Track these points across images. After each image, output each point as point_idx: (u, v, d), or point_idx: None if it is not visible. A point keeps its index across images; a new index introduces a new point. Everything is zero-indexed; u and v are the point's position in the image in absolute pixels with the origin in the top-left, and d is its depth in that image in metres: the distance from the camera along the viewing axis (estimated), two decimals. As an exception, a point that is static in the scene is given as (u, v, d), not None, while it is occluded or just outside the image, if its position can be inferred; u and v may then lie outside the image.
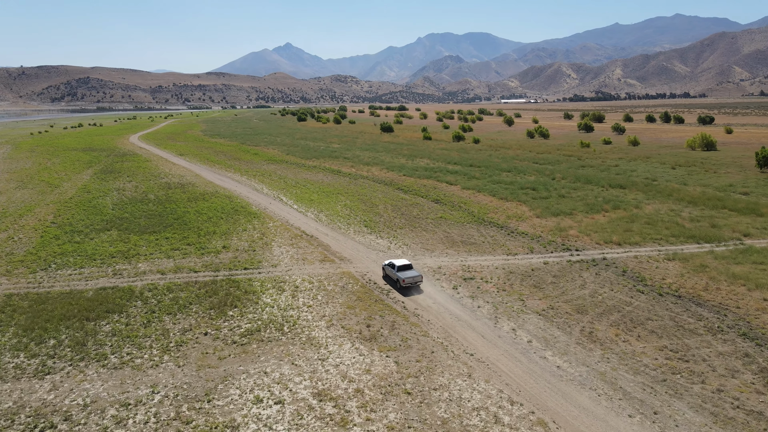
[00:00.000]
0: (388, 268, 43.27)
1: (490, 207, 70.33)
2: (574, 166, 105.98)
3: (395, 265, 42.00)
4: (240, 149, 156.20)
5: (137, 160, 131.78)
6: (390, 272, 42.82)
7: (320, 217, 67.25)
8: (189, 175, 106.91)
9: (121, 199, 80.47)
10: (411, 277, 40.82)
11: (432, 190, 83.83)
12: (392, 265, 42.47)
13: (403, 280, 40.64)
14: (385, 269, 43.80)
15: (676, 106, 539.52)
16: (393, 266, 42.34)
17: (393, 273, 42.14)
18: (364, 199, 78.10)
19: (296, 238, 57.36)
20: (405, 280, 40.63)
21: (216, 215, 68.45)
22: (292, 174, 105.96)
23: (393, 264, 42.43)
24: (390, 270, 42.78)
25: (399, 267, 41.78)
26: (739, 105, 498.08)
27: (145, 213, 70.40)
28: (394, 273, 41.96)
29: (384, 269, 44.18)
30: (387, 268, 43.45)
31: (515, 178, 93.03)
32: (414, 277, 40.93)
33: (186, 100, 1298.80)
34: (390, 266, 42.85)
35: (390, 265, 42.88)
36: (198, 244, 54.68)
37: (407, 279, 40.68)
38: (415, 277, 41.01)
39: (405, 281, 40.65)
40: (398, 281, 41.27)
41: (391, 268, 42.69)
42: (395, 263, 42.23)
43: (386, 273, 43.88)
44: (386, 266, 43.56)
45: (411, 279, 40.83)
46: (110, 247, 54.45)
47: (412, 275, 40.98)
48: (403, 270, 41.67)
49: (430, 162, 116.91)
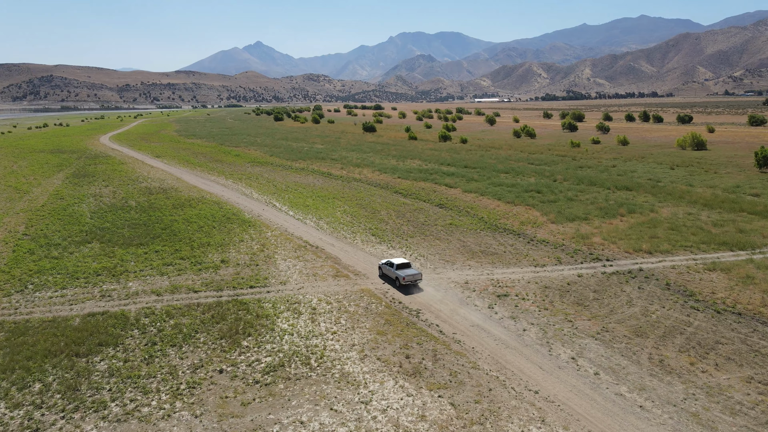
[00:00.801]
0: (385, 267, 43.12)
1: (499, 212, 66.66)
2: (572, 166, 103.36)
3: (394, 264, 41.91)
4: (220, 150, 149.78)
5: (111, 163, 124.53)
6: (388, 271, 42.74)
7: (321, 225, 62.58)
8: (170, 178, 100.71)
9: (99, 207, 74.28)
10: (411, 275, 40.78)
11: (432, 194, 79.87)
12: (390, 264, 42.34)
13: (404, 278, 40.57)
14: (383, 268, 43.62)
15: (648, 105, 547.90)
16: (391, 265, 42.18)
17: (391, 272, 42.09)
18: (364, 204, 73.66)
19: (300, 249, 52.62)
20: (405, 278, 40.56)
21: (207, 224, 63.12)
22: (280, 177, 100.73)
23: (391, 263, 42.27)
24: (388, 269, 42.64)
25: (398, 266, 41.75)
26: (708, 104, 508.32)
27: (128, 222, 64.60)
28: (392, 272, 41.91)
29: (381, 268, 44.01)
30: (384, 267, 43.27)
31: (515, 179, 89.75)
32: (414, 275, 40.90)
33: (155, 99, 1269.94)
34: (388, 265, 42.67)
35: (388, 264, 42.71)
36: (193, 258, 49.50)
37: (407, 277, 40.60)
38: (415, 275, 40.98)
39: (405, 279, 40.59)
40: (397, 279, 41.34)
41: (389, 266, 42.49)
42: (394, 262, 42.11)
43: (383, 272, 43.73)
44: (383, 265, 43.45)
45: (411, 277, 40.78)
46: (93, 262, 48.87)
47: (412, 273, 40.93)
48: (402, 268, 41.61)
49: (421, 163, 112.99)
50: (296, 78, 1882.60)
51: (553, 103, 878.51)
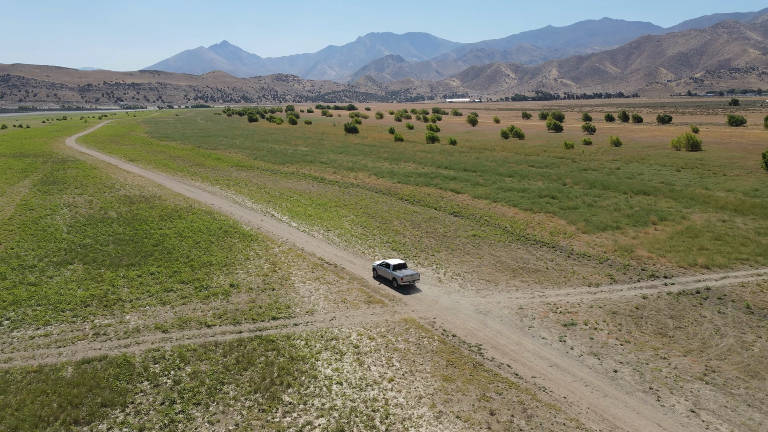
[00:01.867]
0: (381, 268, 42.87)
1: (521, 221, 61.78)
2: (575, 169, 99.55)
3: (390, 265, 41.70)
4: (198, 153, 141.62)
5: (82, 168, 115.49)
6: (384, 272, 42.55)
7: (331, 238, 56.58)
8: (150, 185, 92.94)
9: (75, 219, 66.56)
10: (409, 276, 40.65)
11: (441, 201, 74.62)
12: (387, 265, 42.14)
13: (402, 279, 40.39)
14: (378, 269, 43.38)
15: (618, 105, 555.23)
16: (388, 266, 41.98)
17: (388, 273, 41.86)
18: (371, 213, 67.89)
19: (317, 268, 46.58)
20: (403, 278, 40.41)
21: (204, 239, 56.40)
22: (270, 182, 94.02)
23: (388, 264, 42.08)
24: (384, 270, 42.41)
25: (395, 266, 41.56)
26: (677, 104, 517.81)
27: (113, 237, 57.35)
28: (389, 273, 41.69)
29: (376, 269, 43.78)
30: (380, 269, 43.02)
31: (522, 184, 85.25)
32: (411, 276, 40.82)
33: (118, 100, 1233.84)
34: (384, 266, 42.44)
35: (384, 265, 42.48)
36: (196, 282, 42.97)
37: (405, 278, 40.47)
38: (413, 276, 40.93)
39: (403, 280, 40.43)
40: (395, 280, 41.07)
41: (385, 268, 42.26)
42: (390, 263, 41.94)
43: (379, 273, 43.47)
44: (379, 266, 43.21)
45: (409, 278, 40.67)
46: (79, 289, 41.88)
47: (410, 274, 40.82)
48: (398, 269, 41.50)
49: (417, 166, 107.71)
50: (265, 78, 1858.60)
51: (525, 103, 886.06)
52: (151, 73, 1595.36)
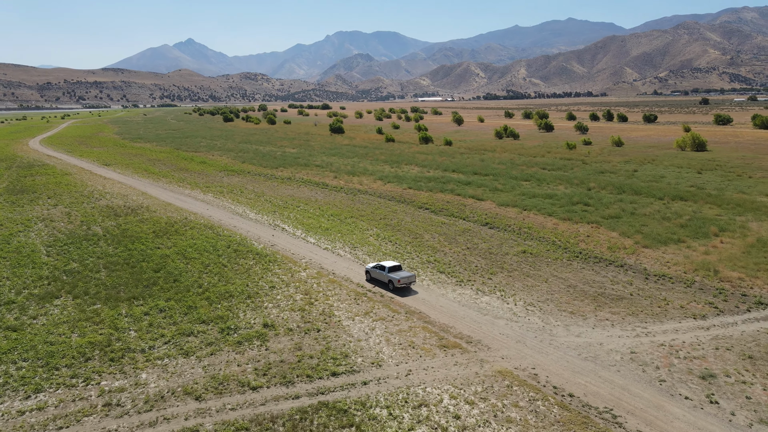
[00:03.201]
0: (375, 271, 42.10)
1: (565, 233, 55.41)
2: (589, 171, 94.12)
3: (385, 267, 41.08)
4: (179, 156, 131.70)
5: (53, 174, 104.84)
6: (378, 275, 41.90)
7: (362, 258, 49.12)
8: (133, 193, 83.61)
9: (54, 237, 57.39)
10: (405, 278, 40.25)
11: (464, 209, 67.85)
12: (382, 267, 41.52)
13: (399, 281, 39.93)
14: (371, 272, 42.49)
15: (593, 104, 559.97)
16: (383, 268, 41.41)
17: (383, 275, 41.28)
18: (395, 225, 60.63)
19: (361, 298, 39.13)
20: (400, 281, 39.96)
21: (213, 261, 48.23)
22: (268, 189, 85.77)
23: (383, 266, 41.43)
24: (379, 273, 41.76)
25: (390, 269, 41.02)
26: (649, 103, 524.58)
27: (103, 261, 48.67)
28: (384, 275, 41.12)
29: (369, 272, 42.77)
30: (374, 271, 42.22)
31: (544, 189, 79.24)
32: (408, 278, 40.47)
33: (80, 99, 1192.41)
34: (379, 269, 41.82)
35: (379, 267, 41.81)
36: (220, 321, 35.05)
37: (402, 280, 40.03)
38: (410, 277, 40.60)
39: (401, 282, 39.99)
40: (391, 283, 40.55)
41: (380, 270, 41.63)
42: (385, 265, 41.30)
43: (373, 276, 42.57)
44: (372, 269, 42.43)
45: (406, 280, 40.28)
46: (74, 334, 33.53)
47: (407, 276, 40.47)
48: (394, 271, 41.04)
49: (422, 170, 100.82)
50: (233, 77, 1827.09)
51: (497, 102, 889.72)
52: (115, 71, 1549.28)
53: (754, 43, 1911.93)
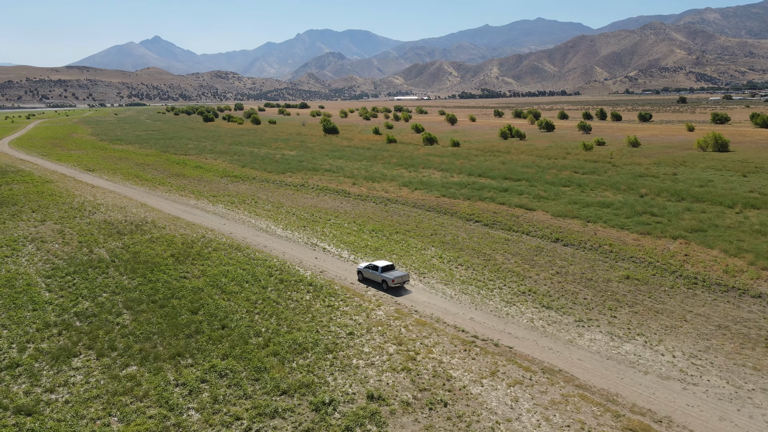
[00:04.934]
0: (368, 271, 42.03)
1: (654, 250, 48.12)
2: (628, 175, 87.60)
3: (378, 267, 41.06)
4: (169, 161, 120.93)
5: (31, 181, 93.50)
6: (371, 275, 41.76)
7: (439, 289, 40.92)
8: (131, 205, 73.57)
9: (52, 264, 47.55)
10: (399, 277, 40.12)
11: (518, 221, 60.22)
12: (375, 267, 41.41)
13: (393, 281, 39.80)
14: (364, 272, 42.41)
15: (572, 102, 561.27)
16: (376, 268, 41.32)
17: (376, 275, 41.14)
18: (452, 243, 52.57)
19: (472, 349, 30.90)
20: (395, 280, 39.86)
21: (260, 296, 39.34)
22: (285, 199, 76.68)
23: (375, 266, 41.32)
24: (372, 273, 41.64)
25: (383, 268, 40.97)
26: (627, 102, 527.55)
27: (122, 298, 39.29)
28: (378, 275, 41.01)
29: (361, 272, 42.62)
30: (367, 271, 42.15)
31: (592, 196, 72.18)
32: (402, 277, 40.30)
33: (44, 97, 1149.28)
34: (372, 269, 41.70)
35: (372, 267, 41.71)
36: (306, 391, 26.38)
37: (396, 279, 39.96)
38: (403, 277, 40.41)
39: (395, 281, 39.90)
40: (384, 282, 40.46)
41: (373, 270, 41.59)
42: (377, 265, 41.18)
43: (365, 276, 42.45)
44: (365, 269, 42.28)
45: (400, 279, 40.19)
46: (113, 418, 24.53)
47: (400, 275, 40.30)
48: (387, 271, 41.05)
49: (445, 174, 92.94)
50: (203, 75, 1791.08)
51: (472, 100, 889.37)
52: (80, 69, 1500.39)
53: (717, 44, 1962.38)
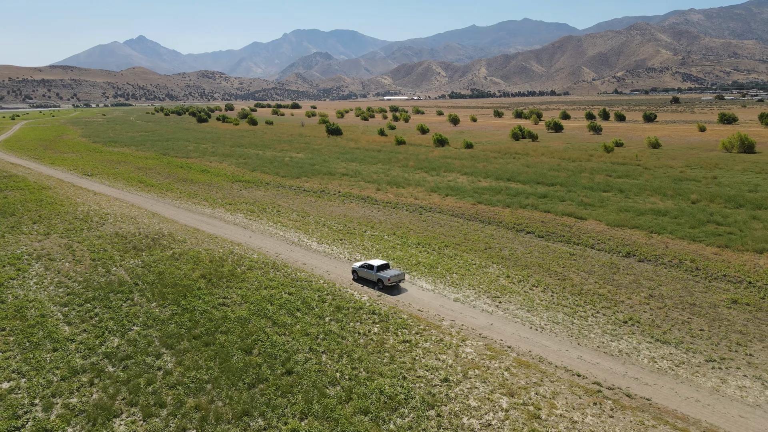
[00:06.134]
0: (363, 270, 41.75)
1: (744, 267, 43.18)
2: (666, 179, 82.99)
3: (374, 266, 40.83)
4: (172, 164, 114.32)
5: (27, 187, 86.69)
6: (366, 274, 41.47)
7: (520, 316, 35.55)
8: (141, 214, 67.32)
9: (65, 287, 41.42)
10: (395, 276, 40.10)
11: (572, 230, 55.14)
12: (370, 266, 41.20)
13: (388, 280, 39.66)
14: (359, 272, 42.20)
15: (564, 102, 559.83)
16: (371, 267, 41.08)
17: (372, 275, 40.89)
18: (511, 258, 47.32)
19: (604, 402, 25.51)
20: (390, 279, 39.73)
21: (319, 328, 33.63)
22: (308, 207, 70.85)
23: (371, 265, 41.11)
24: (367, 272, 41.38)
25: (378, 267, 40.76)
26: (620, 102, 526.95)
27: (157, 332, 33.39)
28: (373, 274, 40.77)
29: (356, 272, 42.44)
30: (362, 271, 41.89)
31: (639, 203, 67.36)
32: (397, 276, 40.30)
33: (27, 98, 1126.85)
34: (367, 268, 41.43)
35: (367, 266, 41.44)
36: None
37: (392, 278, 39.87)
38: (399, 275, 40.44)
39: (390, 280, 39.76)
40: (380, 281, 40.28)
41: (368, 269, 41.31)
42: (372, 264, 41.03)
43: (360, 275, 42.23)
44: (360, 268, 42.01)
45: (395, 278, 40.15)
46: None
47: (396, 274, 40.28)
48: (382, 270, 40.91)
49: (471, 179, 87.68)
50: (190, 75, 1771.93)
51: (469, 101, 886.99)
52: (64, 68, 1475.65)
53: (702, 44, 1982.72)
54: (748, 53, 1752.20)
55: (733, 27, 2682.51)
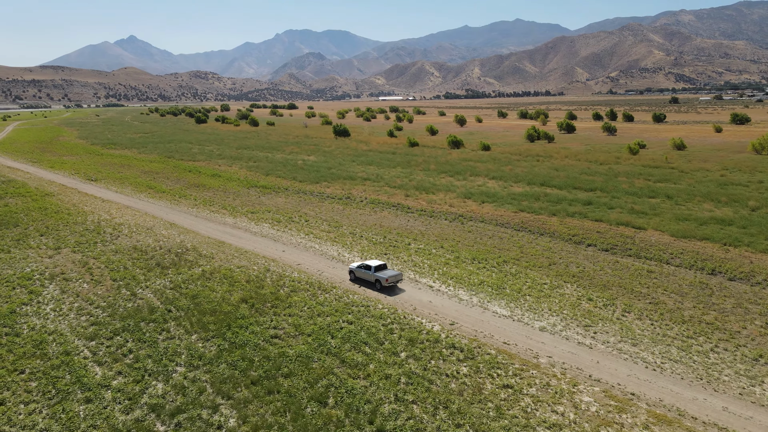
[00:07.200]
0: (360, 270, 41.44)
1: None
2: (709, 183, 78.51)
3: (371, 267, 40.55)
4: (179, 168, 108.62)
5: (28, 194, 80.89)
6: (364, 275, 41.17)
7: (623, 349, 30.62)
8: (157, 224, 61.89)
9: (88, 314, 36.10)
10: (393, 277, 39.82)
11: (635, 242, 50.45)
12: (367, 267, 40.92)
13: (386, 280, 39.36)
14: (356, 272, 41.90)
15: (562, 102, 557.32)
16: (368, 268, 40.76)
17: (369, 275, 40.58)
18: (579, 275, 42.48)
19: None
20: (388, 279, 39.44)
21: (399, 372, 28.60)
22: (337, 215, 65.67)
23: (368, 266, 40.86)
24: (364, 272, 41.02)
25: (376, 268, 40.45)
26: (618, 102, 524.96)
27: (207, 374, 28.20)
28: (370, 275, 40.46)
29: (353, 272, 42.12)
30: (359, 271, 41.57)
31: (693, 210, 62.79)
32: (395, 276, 39.99)
33: (17, 98, 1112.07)
34: (364, 268, 41.08)
35: (364, 267, 41.15)
36: None
37: (390, 278, 39.60)
38: (396, 276, 40.09)
39: (388, 281, 39.51)
40: (378, 282, 39.97)
41: (365, 270, 40.98)
42: (370, 264, 40.79)
43: (357, 276, 41.89)
44: (357, 269, 41.65)
45: (393, 278, 39.87)
46: None
47: (394, 274, 39.99)
48: (380, 270, 40.63)
49: (502, 183, 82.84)
50: (182, 75, 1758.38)
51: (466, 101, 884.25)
52: (54, 68, 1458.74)
53: (693, 45, 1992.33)
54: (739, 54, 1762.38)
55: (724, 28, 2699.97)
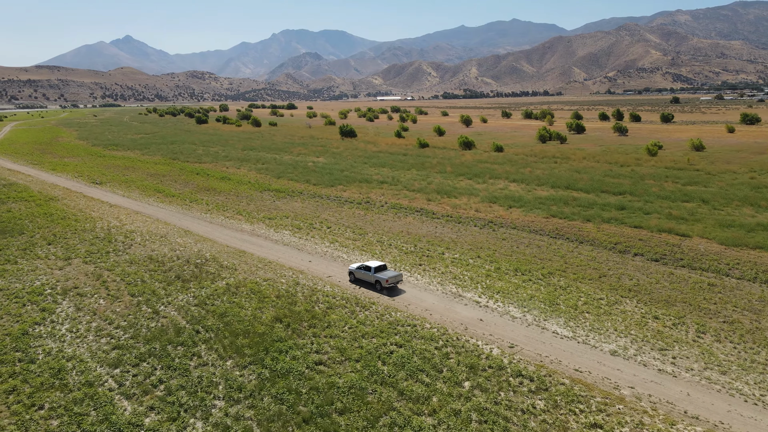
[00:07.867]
0: (360, 271, 41.16)
1: None
2: (740, 186, 75.64)
3: (371, 267, 40.33)
4: (186, 170, 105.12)
5: (31, 198, 77.39)
6: (363, 275, 40.91)
7: (717, 380, 27.50)
8: (171, 231, 58.56)
9: (110, 338, 32.83)
10: (393, 277, 39.65)
11: (680, 250, 47.53)
12: (367, 268, 40.66)
13: (386, 281, 39.20)
14: (356, 273, 41.52)
15: (562, 102, 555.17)
16: (368, 269, 40.51)
17: (369, 276, 40.39)
18: (643, 292, 39.40)
19: None
20: (388, 280, 39.30)
21: (467, 407, 25.48)
22: (360, 221, 62.43)
23: (368, 266, 40.60)
24: (364, 273, 40.78)
25: (376, 268, 40.29)
26: (619, 102, 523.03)
27: (252, 412, 24.98)
28: (371, 276, 40.28)
29: (353, 273, 41.71)
30: (359, 272, 41.25)
31: (732, 215, 59.98)
32: (395, 277, 39.83)
33: (13, 98, 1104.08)
34: (364, 269, 40.85)
35: (364, 268, 40.90)
36: None
37: (390, 279, 39.45)
38: (397, 277, 39.93)
39: (389, 281, 39.37)
40: (378, 283, 39.83)
41: (365, 271, 40.75)
42: (370, 265, 40.54)
43: (357, 277, 41.51)
44: (357, 270, 41.36)
45: (393, 279, 39.72)
46: None
47: (394, 275, 39.80)
48: (380, 271, 40.44)
49: (524, 187, 79.78)
50: (179, 75, 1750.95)
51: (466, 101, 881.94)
52: (50, 68, 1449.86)
53: (690, 45, 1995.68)
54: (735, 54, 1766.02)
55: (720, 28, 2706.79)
